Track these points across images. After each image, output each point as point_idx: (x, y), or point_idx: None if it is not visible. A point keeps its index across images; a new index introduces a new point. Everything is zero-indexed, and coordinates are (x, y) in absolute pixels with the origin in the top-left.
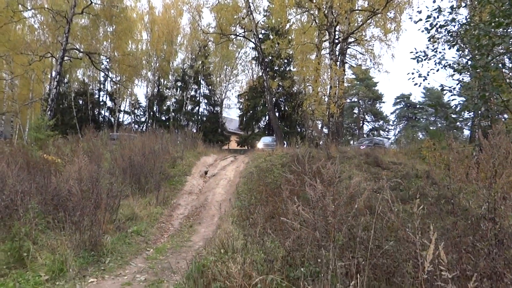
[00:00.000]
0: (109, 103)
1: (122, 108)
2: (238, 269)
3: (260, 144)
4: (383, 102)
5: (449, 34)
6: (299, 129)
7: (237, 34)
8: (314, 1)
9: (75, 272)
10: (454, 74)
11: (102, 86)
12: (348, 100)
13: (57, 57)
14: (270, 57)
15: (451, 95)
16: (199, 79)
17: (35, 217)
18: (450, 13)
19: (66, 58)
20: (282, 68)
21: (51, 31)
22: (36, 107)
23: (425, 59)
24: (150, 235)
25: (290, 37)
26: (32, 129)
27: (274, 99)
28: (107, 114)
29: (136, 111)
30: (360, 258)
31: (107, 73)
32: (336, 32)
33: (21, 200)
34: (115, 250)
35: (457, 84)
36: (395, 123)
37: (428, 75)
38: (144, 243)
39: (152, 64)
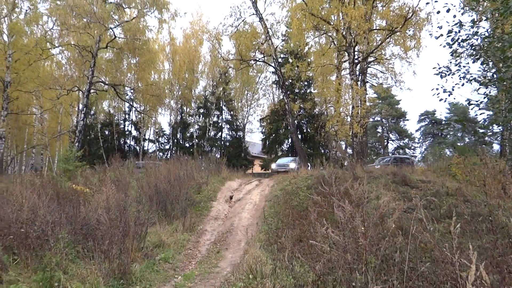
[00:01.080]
0: (134, 132)
1: (146, 137)
2: None
3: (273, 165)
4: (407, 119)
5: (472, 48)
6: (322, 151)
7: (257, 59)
8: (332, 23)
9: None
10: (480, 88)
11: (127, 116)
12: (371, 119)
13: (84, 90)
14: (290, 80)
15: (479, 109)
16: (221, 105)
17: (65, 246)
18: (472, 27)
19: (92, 90)
20: (302, 91)
21: (78, 66)
22: (65, 139)
23: (448, 74)
24: (177, 262)
25: (309, 60)
26: (61, 161)
27: (296, 121)
28: (132, 143)
29: (160, 139)
30: (395, 281)
31: (131, 103)
32: (356, 52)
33: (52, 230)
34: (144, 278)
35: (484, 98)
36: (420, 140)
37: (453, 89)
38: (172, 270)
39: (175, 92)
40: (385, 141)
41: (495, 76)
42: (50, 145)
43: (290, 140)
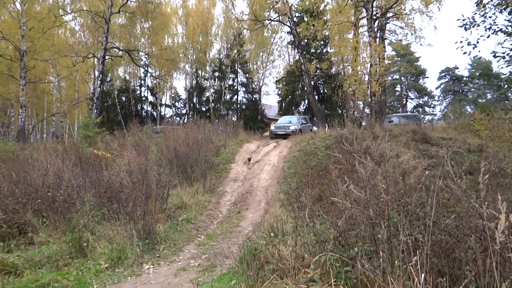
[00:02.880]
0: (150, 98)
1: (163, 102)
2: (290, 251)
3: (272, 127)
4: (427, 77)
5: None
6: (340, 111)
7: (271, 19)
8: None
9: (132, 260)
10: (506, 40)
11: (143, 82)
12: (390, 78)
13: (99, 56)
14: (306, 40)
15: (504, 62)
16: (236, 68)
17: (91, 209)
18: None
19: (107, 57)
20: (319, 50)
21: (91, 32)
22: (83, 107)
23: (473, 26)
24: (200, 223)
25: (325, 18)
26: (81, 128)
27: (312, 82)
28: (149, 108)
29: (176, 103)
30: (418, 235)
31: (146, 68)
32: (374, 8)
33: (77, 194)
34: (168, 238)
35: (510, 50)
36: (440, 98)
37: (477, 42)
38: (195, 230)
39: (189, 56)
40: (404, 99)
41: None
42: (69, 113)
43: (306, 101)
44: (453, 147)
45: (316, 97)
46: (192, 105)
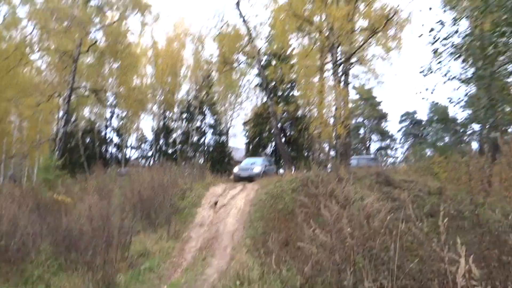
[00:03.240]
0: (116, 139)
1: (129, 144)
2: None
3: (236, 169)
4: (389, 120)
5: (453, 46)
6: (306, 153)
7: (240, 61)
8: (315, 24)
9: None
10: (460, 86)
11: (108, 123)
12: (354, 121)
13: (64, 96)
14: (273, 83)
15: (459, 107)
16: (204, 109)
17: (47, 259)
18: (453, 25)
19: (73, 96)
20: (286, 93)
21: (58, 71)
22: (45, 148)
23: (430, 72)
24: (163, 271)
25: (292, 62)
26: (41, 170)
27: (279, 124)
28: (114, 150)
29: (142, 145)
30: (383, 280)
31: (113, 109)
32: (338, 53)
33: (33, 242)
34: None
35: (464, 95)
36: (402, 141)
37: (434, 88)
38: (157, 280)
39: (157, 97)
40: (368, 142)
41: (475, 74)
42: (30, 155)
43: (274, 143)
44: (415, 190)
45: (283, 139)
46: (158, 147)
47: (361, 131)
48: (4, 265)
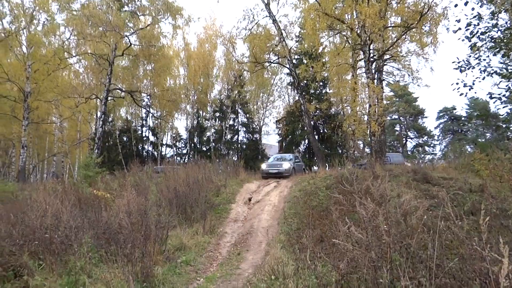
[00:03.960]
0: (151, 138)
1: (164, 142)
2: None
3: (263, 165)
4: (425, 117)
5: (492, 40)
6: (340, 151)
7: (271, 61)
8: (346, 22)
9: None
10: (501, 81)
11: (144, 122)
12: (389, 118)
13: (101, 98)
14: (305, 81)
15: (501, 103)
16: (237, 108)
17: (88, 251)
18: (491, 19)
19: (109, 98)
20: (318, 91)
21: (95, 74)
22: (84, 147)
23: (468, 68)
24: (199, 265)
25: (324, 60)
26: (82, 167)
27: (312, 122)
28: (150, 148)
29: (177, 143)
30: (421, 279)
31: (148, 109)
32: (371, 50)
33: (75, 235)
34: (166, 281)
35: (506, 91)
36: (440, 137)
37: (473, 84)
38: (194, 273)
39: (191, 97)
40: (404, 139)
41: None
42: (70, 153)
43: (307, 141)
44: (454, 187)
45: (316, 136)
46: (192, 145)
47: (397, 128)
48: (49, 256)
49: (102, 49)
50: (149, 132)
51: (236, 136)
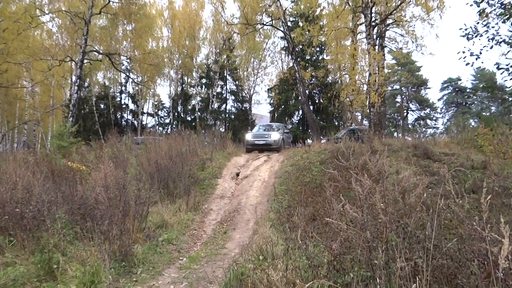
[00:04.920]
0: (131, 106)
1: (145, 110)
2: (280, 276)
3: (248, 136)
4: (429, 88)
5: (502, 6)
6: (336, 123)
7: (264, 23)
8: None
9: (106, 284)
10: (509, 50)
11: (123, 88)
12: (390, 88)
13: (77, 60)
14: (300, 46)
15: (508, 74)
16: (225, 74)
17: (63, 227)
18: None
19: (85, 61)
20: (314, 57)
21: (70, 34)
22: (58, 114)
23: (476, 36)
24: (182, 243)
25: (321, 23)
26: (55, 137)
27: (307, 91)
28: (129, 117)
29: (159, 112)
30: (418, 260)
31: (128, 74)
32: (373, 14)
33: (48, 210)
34: (147, 260)
35: None
36: (443, 110)
37: (480, 53)
38: (176, 252)
39: (175, 61)
40: (405, 111)
41: None
42: (43, 121)
43: (301, 111)
44: (456, 164)
45: (311, 107)
46: (176, 114)
47: (398, 99)
48: (20, 232)
49: (77, 7)
50: (128, 100)
51: (224, 105)
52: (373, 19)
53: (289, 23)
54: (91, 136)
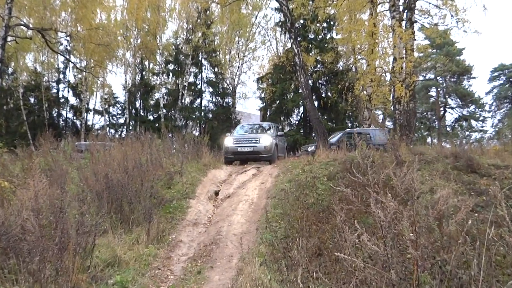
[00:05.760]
0: (72, 100)
1: (91, 106)
2: None
3: (228, 141)
4: (473, 78)
5: None
6: (349, 124)
7: None
8: None
9: None
10: None
11: (62, 76)
12: (421, 78)
13: None
14: (302, 21)
15: None
16: (200, 58)
17: None
18: None
19: (10, 38)
20: (320, 36)
21: None
22: None
23: None
24: None
25: None
26: None
27: (311, 81)
28: (70, 115)
29: (111, 109)
30: None
31: (68, 57)
32: None
33: None
34: None
35: None
36: (493, 108)
37: None
38: None
39: (132, 40)
40: (442, 109)
41: None
42: None
43: (302, 109)
44: (511, 179)
45: (316, 103)
46: (134, 111)
47: (433, 92)
48: None
49: None
50: (68, 92)
51: (199, 100)
52: None
53: None
54: (16, 140)
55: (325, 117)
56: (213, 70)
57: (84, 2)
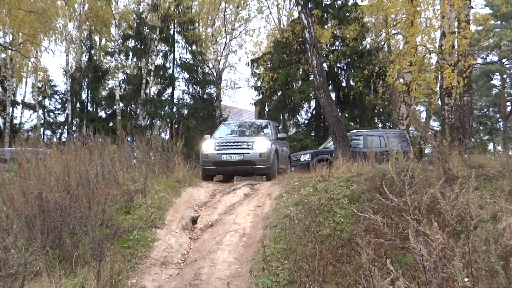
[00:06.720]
0: None
1: (19, 99)
2: None
3: (207, 147)
4: None
5: None
6: (380, 124)
7: None
8: None
9: None
10: None
11: None
12: (480, 61)
13: None
14: None
15: None
16: (172, 32)
17: None
18: None
19: None
20: (340, 2)
21: None
22: None
23: None
24: None
25: None
26: None
27: (326, 65)
28: None
29: (47, 102)
30: None
31: None
32: None
33: None
34: None
35: None
36: None
37: None
38: None
39: (77, 6)
40: (509, 104)
41: None
42: None
43: (313, 103)
44: None
45: (334, 95)
46: (79, 105)
47: (496, 81)
48: None
49: None
50: None
51: (170, 90)
52: None
53: None
54: None
55: (346, 115)
56: (189, 48)
57: None
